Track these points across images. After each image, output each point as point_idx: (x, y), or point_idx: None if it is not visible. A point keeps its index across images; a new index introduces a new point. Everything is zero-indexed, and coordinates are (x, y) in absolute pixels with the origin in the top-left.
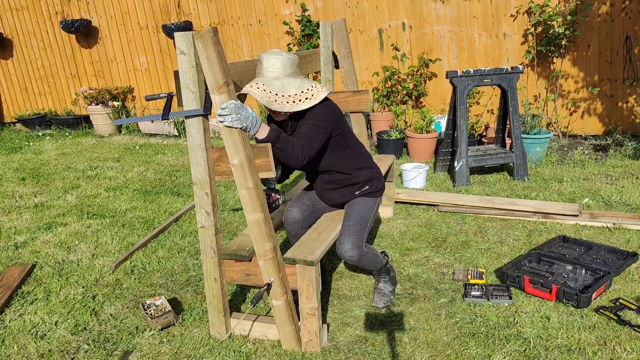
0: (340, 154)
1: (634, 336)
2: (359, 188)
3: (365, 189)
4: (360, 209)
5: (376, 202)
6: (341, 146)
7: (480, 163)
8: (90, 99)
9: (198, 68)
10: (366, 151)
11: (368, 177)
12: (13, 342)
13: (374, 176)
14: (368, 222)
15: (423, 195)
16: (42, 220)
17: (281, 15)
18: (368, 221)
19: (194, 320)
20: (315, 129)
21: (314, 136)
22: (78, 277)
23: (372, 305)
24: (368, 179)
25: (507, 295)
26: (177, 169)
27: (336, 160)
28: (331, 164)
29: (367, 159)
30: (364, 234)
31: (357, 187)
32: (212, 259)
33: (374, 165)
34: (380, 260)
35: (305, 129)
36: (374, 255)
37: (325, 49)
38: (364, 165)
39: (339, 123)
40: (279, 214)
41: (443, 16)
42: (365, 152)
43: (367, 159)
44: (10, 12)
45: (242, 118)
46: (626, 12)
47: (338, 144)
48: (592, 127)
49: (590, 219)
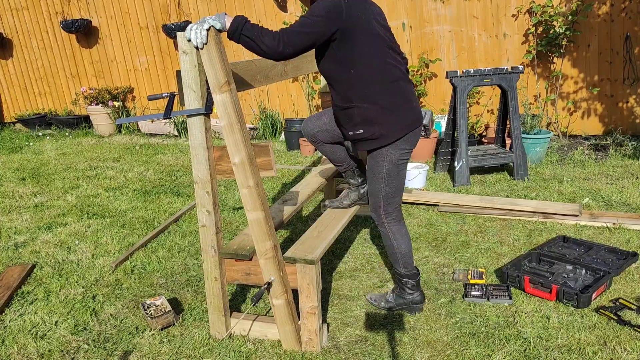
0: (340, 71)
1: (634, 336)
2: (352, 128)
3: (359, 133)
4: (368, 173)
5: (381, 158)
6: (344, 61)
7: (480, 163)
8: (90, 99)
9: (200, 67)
10: (385, 81)
11: (364, 116)
12: (13, 342)
13: (373, 118)
14: (378, 186)
15: (423, 195)
16: (42, 220)
17: (281, 15)
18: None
19: (194, 320)
20: (303, 20)
21: (299, 26)
22: (78, 277)
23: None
24: (363, 119)
25: (507, 295)
26: (177, 169)
27: (335, 77)
28: (330, 79)
29: (377, 91)
30: (379, 200)
31: (351, 126)
32: (212, 258)
33: (385, 104)
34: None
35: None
36: (393, 247)
37: None
38: (367, 98)
39: (344, 24)
40: (278, 214)
41: (443, 16)
42: (381, 81)
43: (376, 92)
44: (10, 12)
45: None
46: (626, 12)
47: (340, 56)
48: (592, 127)
49: (590, 219)
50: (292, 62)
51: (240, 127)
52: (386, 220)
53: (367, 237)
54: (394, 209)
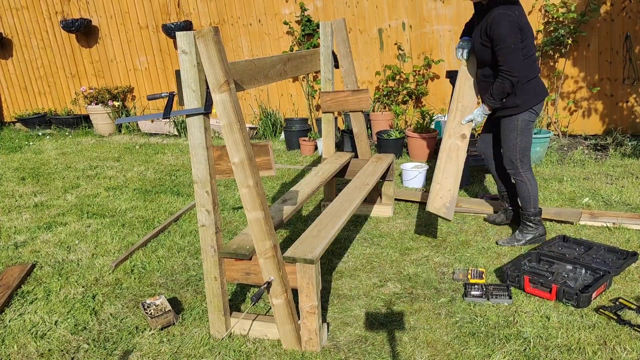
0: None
1: (634, 336)
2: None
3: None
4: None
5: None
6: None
7: (480, 163)
8: (90, 99)
9: (199, 67)
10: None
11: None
12: (13, 342)
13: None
14: (514, 142)
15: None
16: (42, 220)
17: (281, 14)
18: (513, 142)
19: (194, 319)
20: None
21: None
22: (78, 276)
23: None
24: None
25: (507, 295)
26: (177, 168)
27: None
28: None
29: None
30: (515, 153)
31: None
32: (212, 257)
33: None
34: (527, 199)
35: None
36: (526, 187)
37: (325, 48)
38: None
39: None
40: (278, 213)
41: (443, 16)
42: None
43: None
44: (10, 12)
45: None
46: (626, 11)
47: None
48: (592, 127)
49: (590, 218)
50: (292, 61)
51: (240, 127)
52: (522, 170)
53: (367, 236)
54: (527, 160)
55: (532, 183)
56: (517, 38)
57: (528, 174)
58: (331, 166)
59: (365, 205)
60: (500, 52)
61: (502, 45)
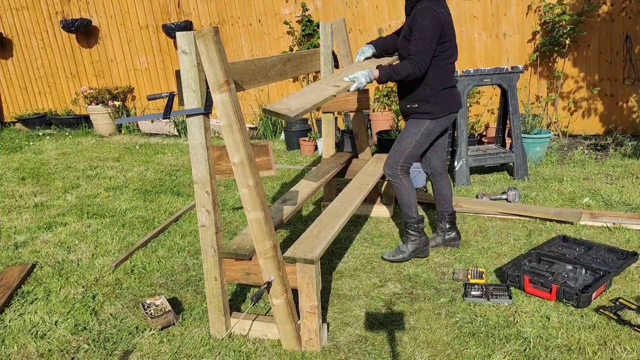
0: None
1: (634, 336)
2: (410, 102)
3: (414, 107)
4: (404, 132)
5: (421, 127)
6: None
7: (480, 163)
8: (90, 99)
9: (199, 67)
10: (448, 73)
11: (422, 95)
12: (13, 342)
13: (429, 98)
14: (407, 146)
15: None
16: (42, 220)
17: (281, 15)
18: (407, 145)
19: (194, 319)
20: (422, 40)
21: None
22: (78, 276)
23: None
24: (421, 97)
25: (507, 295)
26: (177, 168)
27: None
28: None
29: (441, 80)
30: (401, 156)
31: (409, 100)
32: (212, 257)
33: (443, 88)
34: (409, 204)
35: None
36: (407, 192)
37: (325, 48)
38: (431, 83)
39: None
40: (278, 213)
41: None
42: (448, 73)
43: (440, 80)
44: (10, 12)
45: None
46: (626, 11)
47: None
48: (592, 127)
49: (590, 218)
50: (292, 62)
51: (240, 127)
52: (400, 173)
53: (367, 237)
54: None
55: (411, 186)
56: (437, 35)
57: (406, 178)
58: (331, 166)
59: (365, 205)
60: (416, 41)
61: (420, 36)
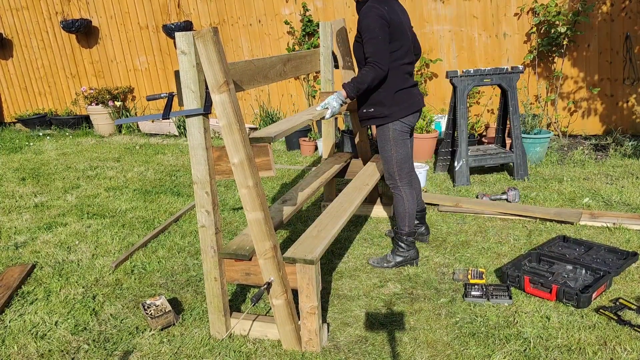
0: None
1: (634, 336)
2: (366, 106)
3: (370, 112)
4: (379, 144)
5: (387, 132)
6: None
7: (480, 163)
8: (91, 99)
9: (198, 67)
10: (403, 74)
11: (377, 99)
12: (13, 342)
13: (384, 101)
14: (390, 154)
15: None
16: (42, 220)
17: (281, 15)
18: (389, 153)
19: (194, 320)
20: (374, 39)
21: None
22: (78, 277)
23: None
24: (377, 101)
25: (507, 295)
26: (177, 168)
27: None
28: (359, 62)
29: (396, 82)
30: (391, 165)
31: (366, 105)
32: (212, 258)
33: (398, 90)
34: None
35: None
36: (403, 204)
37: (325, 48)
38: (385, 86)
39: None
40: (278, 214)
41: (443, 16)
42: (402, 74)
43: (394, 82)
44: (10, 12)
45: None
46: (626, 12)
47: None
48: (592, 127)
49: (590, 219)
50: (292, 62)
51: (239, 127)
52: (400, 183)
53: (367, 237)
54: (406, 174)
55: (410, 200)
56: (385, 30)
57: (406, 188)
58: (331, 166)
59: (365, 206)
60: (368, 42)
61: (369, 35)
